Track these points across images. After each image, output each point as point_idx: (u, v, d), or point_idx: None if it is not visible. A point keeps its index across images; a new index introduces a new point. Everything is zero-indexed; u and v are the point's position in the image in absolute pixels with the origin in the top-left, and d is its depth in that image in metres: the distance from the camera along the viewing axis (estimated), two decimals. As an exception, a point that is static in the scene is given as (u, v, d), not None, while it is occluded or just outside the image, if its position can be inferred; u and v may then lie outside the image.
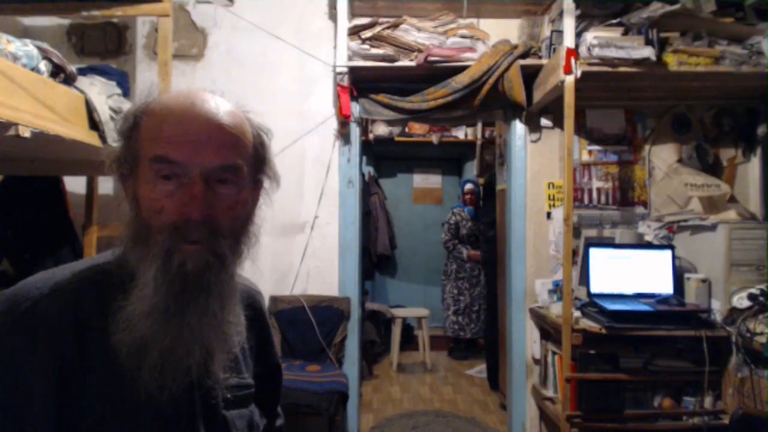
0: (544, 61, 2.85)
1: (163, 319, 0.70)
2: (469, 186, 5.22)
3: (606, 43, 2.51)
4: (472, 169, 5.83)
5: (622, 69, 2.54)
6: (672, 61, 2.55)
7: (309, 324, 2.99)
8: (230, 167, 0.73)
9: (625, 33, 2.59)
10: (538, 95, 2.93)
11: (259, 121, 0.81)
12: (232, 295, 0.77)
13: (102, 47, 3.13)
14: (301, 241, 3.14)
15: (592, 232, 3.03)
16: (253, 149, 0.78)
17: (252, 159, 0.78)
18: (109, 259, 0.79)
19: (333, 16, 3.08)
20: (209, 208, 0.71)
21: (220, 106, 0.75)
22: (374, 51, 2.91)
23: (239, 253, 0.77)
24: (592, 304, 2.58)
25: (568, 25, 2.56)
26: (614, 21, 2.64)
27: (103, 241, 2.43)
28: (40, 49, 1.80)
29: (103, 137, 2.01)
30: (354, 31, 2.98)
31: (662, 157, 3.11)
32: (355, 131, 3.15)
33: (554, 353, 2.80)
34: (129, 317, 0.70)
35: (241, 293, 0.84)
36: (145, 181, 0.71)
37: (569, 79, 2.52)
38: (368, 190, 5.46)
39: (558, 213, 3.01)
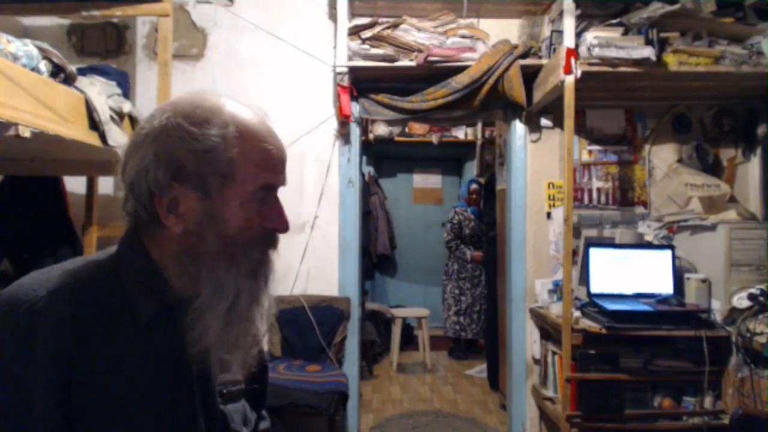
0: (544, 61, 2.85)
1: (238, 321, 0.75)
2: (474, 186, 5.21)
3: (606, 43, 2.51)
4: (472, 169, 5.82)
5: (622, 69, 2.53)
6: (672, 61, 2.55)
7: (309, 324, 2.99)
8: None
9: (625, 33, 2.59)
10: (538, 95, 2.93)
11: None
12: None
13: (102, 47, 3.13)
14: (301, 241, 3.14)
15: (592, 232, 3.03)
16: None
17: None
18: (103, 259, 0.79)
19: (333, 16, 3.08)
20: None
21: None
22: (374, 51, 2.90)
23: None
24: (592, 304, 2.58)
25: (568, 25, 2.56)
26: (614, 21, 2.64)
27: (103, 241, 2.43)
28: (40, 49, 1.80)
29: (103, 137, 2.01)
30: (354, 31, 2.98)
31: (662, 157, 3.11)
32: (355, 131, 3.15)
33: (554, 353, 2.80)
34: (202, 327, 0.73)
35: None
36: (242, 202, 0.76)
37: (569, 79, 2.52)
38: (368, 190, 5.46)
39: (558, 213, 3.01)
